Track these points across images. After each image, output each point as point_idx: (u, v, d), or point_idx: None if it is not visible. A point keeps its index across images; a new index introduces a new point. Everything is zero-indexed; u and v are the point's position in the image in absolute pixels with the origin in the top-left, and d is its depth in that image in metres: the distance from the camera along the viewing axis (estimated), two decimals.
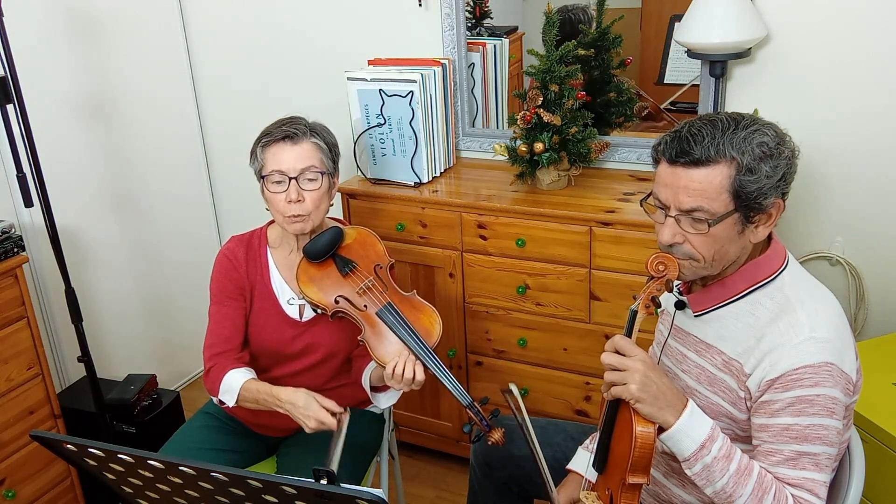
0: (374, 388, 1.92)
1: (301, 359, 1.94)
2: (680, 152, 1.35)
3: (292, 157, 1.81)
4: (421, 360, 1.75)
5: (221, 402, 1.85)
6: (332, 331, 1.93)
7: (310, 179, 1.83)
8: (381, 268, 1.90)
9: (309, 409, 1.72)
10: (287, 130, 1.83)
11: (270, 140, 1.83)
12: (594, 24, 2.43)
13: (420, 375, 1.72)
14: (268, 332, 1.92)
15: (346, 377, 2.00)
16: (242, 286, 1.92)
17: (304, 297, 1.88)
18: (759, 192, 1.34)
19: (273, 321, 1.92)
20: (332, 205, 1.92)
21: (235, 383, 1.81)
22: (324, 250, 1.87)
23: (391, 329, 1.78)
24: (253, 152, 1.88)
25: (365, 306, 1.82)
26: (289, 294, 1.93)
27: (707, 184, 1.34)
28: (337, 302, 1.84)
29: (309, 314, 1.94)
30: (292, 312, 1.93)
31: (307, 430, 1.73)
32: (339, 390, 1.98)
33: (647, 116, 2.55)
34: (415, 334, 1.78)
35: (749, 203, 1.34)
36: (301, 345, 1.93)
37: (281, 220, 1.86)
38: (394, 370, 1.71)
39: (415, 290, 1.91)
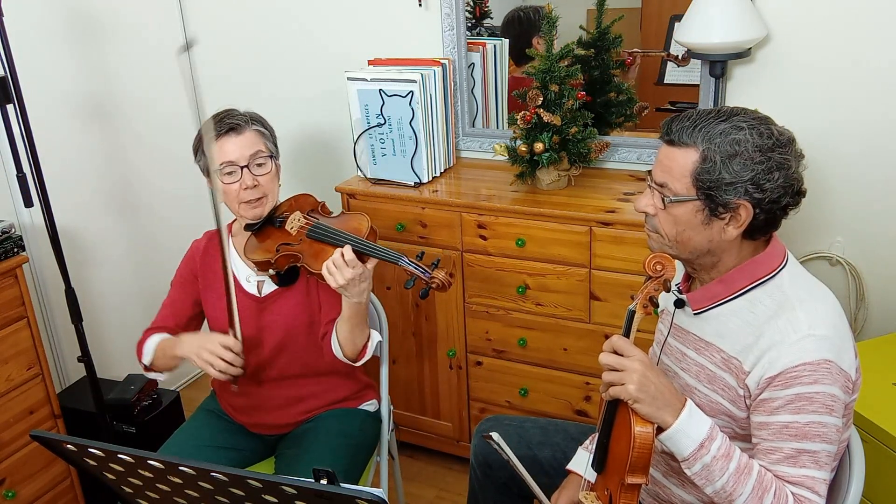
0: (354, 360, 1.94)
1: (265, 340, 1.97)
2: (667, 130, 1.41)
3: (239, 146, 1.90)
4: (353, 249, 1.80)
5: (146, 368, 2.00)
6: (291, 306, 1.97)
7: (259, 164, 1.93)
8: (313, 211, 2.00)
9: (205, 344, 1.83)
10: (230, 123, 1.91)
11: (214, 135, 1.90)
12: (546, 22, 2.40)
13: (349, 254, 1.75)
14: (222, 306, 1.96)
15: (327, 365, 2.00)
16: (195, 273, 2.03)
17: (254, 265, 1.95)
18: (715, 184, 1.35)
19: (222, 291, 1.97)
20: (280, 185, 2.01)
21: (152, 343, 1.97)
22: (260, 219, 1.98)
23: (323, 241, 1.86)
24: (197, 150, 1.95)
25: (300, 239, 1.91)
26: (247, 272, 2.00)
27: (675, 163, 1.39)
28: (278, 250, 1.91)
29: (268, 289, 1.98)
30: (251, 289, 1.99)
31: (211, 372, 1.82)
32: (324, 379, 2.01)
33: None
34: (343, 233, 1.85)
35: (710, 195, 1.36)
36: (261, 323, 1.96)
37: (238, 209, 1.95)
38: (327, 268, 1.76)
39: (344, 210, 1.97)
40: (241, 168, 1.89)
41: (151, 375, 2.03)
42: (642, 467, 1.35)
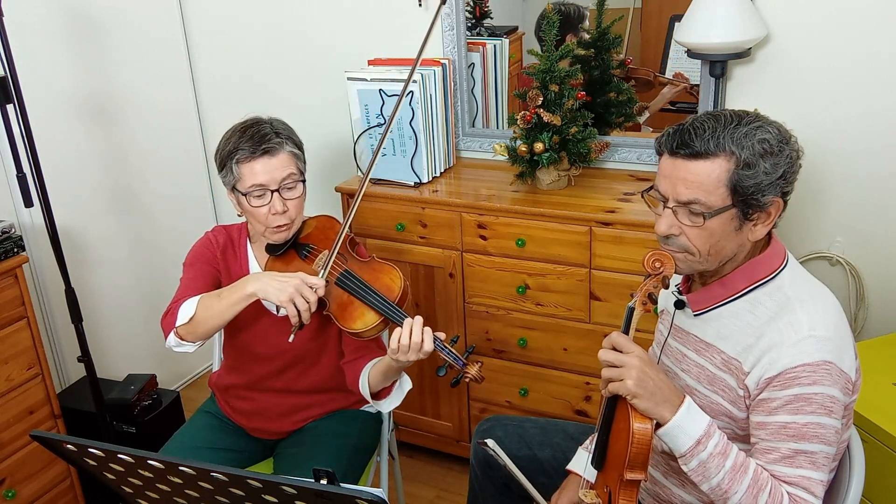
0: (374, 395, 1.90)
1: (276, 356, 1.94)
2: (680, 144, 1.36)
3: (271, 169, 1.81)
4: (384, 316, 1.74)
5: (178, 335, 1.81)
6: (307, 328, 1.87)
7: (290, 188, 1.84)
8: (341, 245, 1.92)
9: (287, 278, 1.71)
10: (265, 147, 1.81)
11: (247, 155, 1.80)
12: (586, 21, 2.42)
13: (428, 345, 1.68)
14: (246, 322, 1.92)
15: (334, 382, 1.99)
16: (216, 265, 1.95)
17: None
18: (756, 188, 1.34)
19: (251, 309, 1.86)
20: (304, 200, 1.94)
21: (192, 301, 1.81)
22: (284, 243, 1.90)
23: (352, 294, 1.80)
24: (224, 165, 1.84)
25: (326, 282, 1.81)
26: None
27: (705, 176, 1.35)
28: None
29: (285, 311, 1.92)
30: (269, 305, 1.92)
31: (287, 308, 1.70)
32: (330, 393, 2.00)
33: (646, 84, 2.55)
34: (375, 293, 1.78)
35: (746, 199, 1.35)
36: (274, 340, 1.92)
37: (263, 231, 1.87)
38: (399, 340, 1.68)
39: (373, 255, 1.90)
40: (272, 192, 1.81)
41: (181, 348, 1.84)
42: (641, 463, 1.35)
